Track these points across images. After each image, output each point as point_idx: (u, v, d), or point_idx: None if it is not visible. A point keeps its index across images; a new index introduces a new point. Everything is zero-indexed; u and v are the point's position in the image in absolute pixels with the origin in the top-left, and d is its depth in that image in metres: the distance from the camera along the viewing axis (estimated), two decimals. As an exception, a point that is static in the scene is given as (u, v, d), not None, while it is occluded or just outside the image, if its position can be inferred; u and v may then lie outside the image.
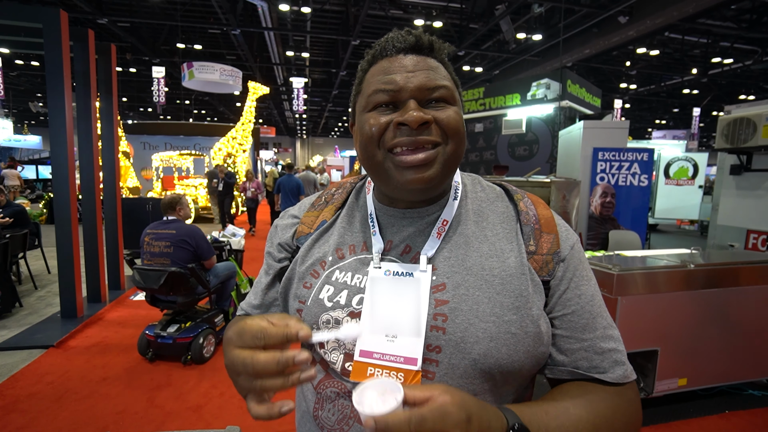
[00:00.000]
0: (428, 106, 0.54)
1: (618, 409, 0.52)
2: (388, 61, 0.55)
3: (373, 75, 0.56)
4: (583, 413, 0.49)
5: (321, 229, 0.65)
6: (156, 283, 2.71)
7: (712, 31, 9.59)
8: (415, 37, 0.55)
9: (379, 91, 0.54)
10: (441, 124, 0.53)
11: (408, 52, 0.55)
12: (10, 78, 14.30)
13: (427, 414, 0.37)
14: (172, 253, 2.80)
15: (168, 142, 12.25)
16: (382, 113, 0.54)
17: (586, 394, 0.52)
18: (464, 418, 0.38)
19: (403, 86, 0.53)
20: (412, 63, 0.54)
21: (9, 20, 3.33)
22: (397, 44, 0.55)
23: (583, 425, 0.48)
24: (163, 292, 2.78)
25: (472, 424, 0.38)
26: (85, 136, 3.91)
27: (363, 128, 0.55)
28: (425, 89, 0.53)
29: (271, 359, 0.42)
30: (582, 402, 0.51)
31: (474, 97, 7.28)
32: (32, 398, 2.39)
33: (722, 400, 2.40)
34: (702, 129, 18.48)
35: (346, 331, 0.48)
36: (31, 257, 4.83)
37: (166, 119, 19.65)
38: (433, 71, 0.54)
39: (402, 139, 0.52)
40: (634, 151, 4.40)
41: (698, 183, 8.14)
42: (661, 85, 14.19)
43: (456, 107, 0.55)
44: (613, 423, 0.51)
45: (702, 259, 2.34)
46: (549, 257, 0.57)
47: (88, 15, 8.52)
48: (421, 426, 0.36)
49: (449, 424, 0.37)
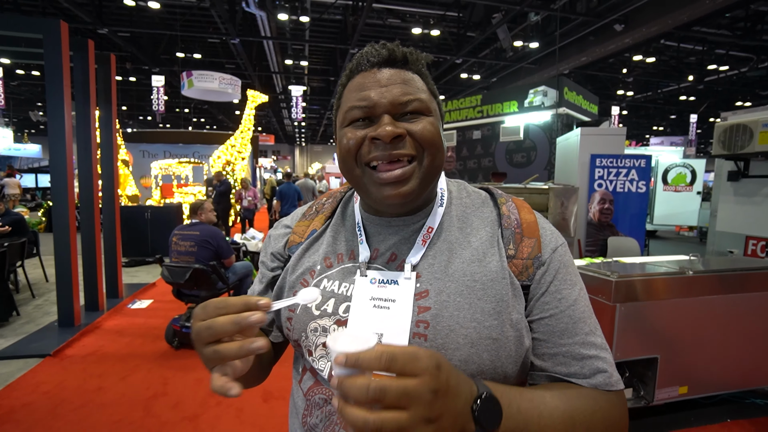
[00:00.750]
0: (402, 119, 0.54)
1: (599, 409, 0.51)
2: (362, 77, 0.56)
3: (349, 91, 0.57)
4: (560, 404, 0.48)
5: (311, 238, 0.66)
6: (182, 278, 3.04)
7: (707, 39, 9.69)
8: (388, 51, 0.56)
9: (354, 107, 0.55)
10: (415, 137, 0.54)
11: (382, 65, 0.56)
12: (10, 87, 14.38)
13: (398, 353, 0.37)
14: (196, 252, 3.11)
15: (167, 151, 12.27)
16: (357, 128, 0.55)
17: (566, 389, 0.52)
18: (434, 365, 0.37)
19: (377, 102, 0.54)
20: (387, 77, 0.55)
21: (10, 31, 3.37)
22: (371, 59, 0.56)
23: (558, 414, 0.47)
24: (188, 286, 3.13)
25: (442, 372, 0.38)
26: (84, 144, 3.92)
27: (341, 143, 0.57)
28: (398, 104, 0.54)
29: (227, 319, 0.43)
30: (560, 394, 0.50)
31: (471, 104, 7.32)
32: (27, 408, 2.37)
33: (724, 408, 2.37)
34: (699, 135, 18.59)
35: (303, 294, 0.50)
36: (29, 265, 4.81)
37: (166, 128, 19.75)
38: (407, 84, 0.55)
39: (377, 154, 0.53)
40: (631, 158, 4.42)
41: (696, 189, 8.17)
42: (658, 92, 14.31)
43: (431, 118, 0.56)
44: (592, 419, 0.49)
45: (701, 266, 2.34)
46: (529, 261, 0.56)
47: (89, 25, 8.60)
48: (391, 363, 0.36)
49: (419, 367, 0.37)
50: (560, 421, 0.47)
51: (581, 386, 0.52)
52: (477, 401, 0.41)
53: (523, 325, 0.54)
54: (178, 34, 9.51)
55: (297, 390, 0.62)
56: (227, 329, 0.43)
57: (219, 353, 0.43)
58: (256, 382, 0.66)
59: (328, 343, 0.39)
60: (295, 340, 0.60)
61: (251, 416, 2.32)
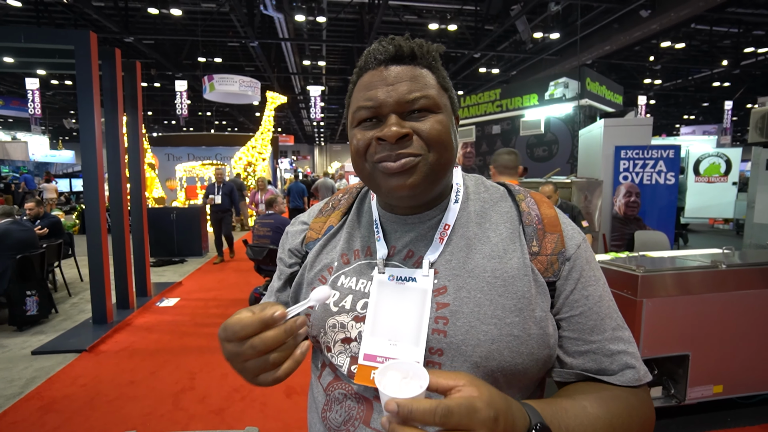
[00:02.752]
0: (410, 117, 0.54)
1: (633, 409, 0.51)
2: (370, 75, 0.55)
3: (358, 90, 0.57)
4: (600, 412, 0.49)
5: (328, 234, 0.66)
6: (260, 256, 3.89)
7: (743, 20, 9.16)
8: (394, 47, 0.55)
9: (361, 107, 0.55)
10: (422, 136, 0.53)
11: (389, 63, 0.55)
12: (46, 97, 15.17)
13: (454, 407, 0.35)
14: (271, 236, 3.93)
15: (191, 153, 12.63)
16: (365, 128, 0.55)
17: (600, 391, 0.52)
18: (492, 417, 0.36)
19: (383, 101, 0.53)
20: (394, 75, 0.54)
21: (45, 44, 3.56)
22: (378, 56, 0.55)
23: (600, 424, 0.47)
24: (265, 263, 3.94)
25: (499, 424, 0.36)
26: (113, 149, 4.09)
27: (351, 143, 0.57)
28: (404, 102, 0.53)
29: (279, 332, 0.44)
30: (597, 400, 0.50)
31: (490, 99, 7.19)
32: (67, 399, 2.51)
33: (765, 409, 2.25)
34: (735, 123, 17.61)
35: (315, 294, 0.50)
36: (65, 266, 5.07)
37: (189, 131, 20.34)
38: (415, 81, 0.54)
39: (383, 154, 0.53)
40: (659, 149, 4.24)
41: (732, 180, 7.75)
42: (689, 79, 13.64)
43: (440, 115, 0.54)
44: (629, 422, 0.50)
45: (736, 259, 2.22)
46: (554, 257, 0.56)
47: (116, 35, 8.96)
48: (447, 419, 0.35)
49: (476, 421, 0.35)
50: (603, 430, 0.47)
51: (613, 386, 0.52)
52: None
53: (548, 323, 0.53)
54: (199, 40, 9.77)
55: (316, 385, 0.62)
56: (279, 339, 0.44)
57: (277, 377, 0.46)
58: None
59: (375, 379, 0.38)
60: (314, 336, 0.61)
61: (274, 411, 2.37)
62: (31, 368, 2.94)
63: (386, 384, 0.38)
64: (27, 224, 4.12)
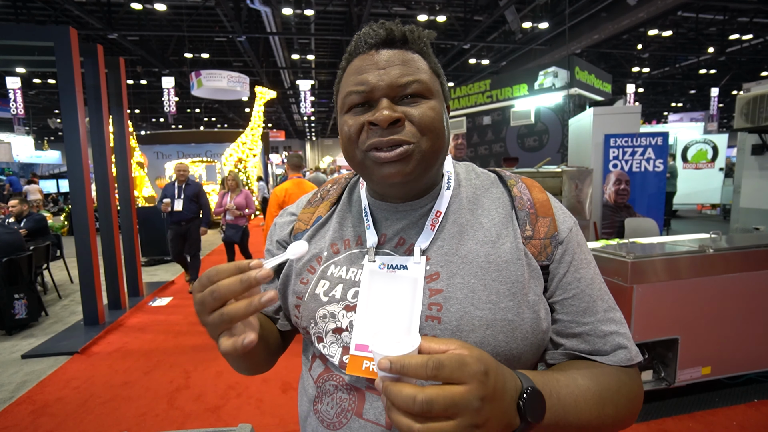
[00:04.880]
0: (402, 102, 0.53)
1: (623, 385, 0.53)
2: (360, 59, 0.54)
3: (348, 74, 0.55)
4: (591, 384, 0.50)
5: (317, 224, 0.66)
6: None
7: (728, 7, 9.23)
8: (386, 31, 0.54)
9: (352, 92, 0.53)
10: (414, 122, 0.52)
11: (380, 47, 0.54)
12: (29, 96, 14.83)
13: (445, 360, 0.36)
14: None
15: (180, 151, 12.47)
16: (357, 114, 0.54)
17: (592, 367, 0.53)
18: (482, 370, 0.37)
19: (375, 85, 0.52)
20: (385, 58, 0.53)
21: (24, 40, 3.45)
22: (369, 40, 0.54)
23: (590, 395, 0.49)
24: None
25: (489, 377, 0.37)
26: (98, 149, 4.02)
27: (342, 130, 0.56)
28: (397, 86, 0.52)
29: (232, 279, 0.42)
30: (588, 374, 0.51)
31: (480, 89, 7.18)
32: (59, 402, 2.48)
33: (750, 388, 2.31)
34: (722, 110, 17.83)
35: (292, 248, 0.47)
36: (54, 268, 5.00)
37: (178, 128, 20.07)
38: (406, 65, 0.53)
39: (375, 140, 0.52)
40: (647, 136, 4.28)
41: (719, 165, 7.87)
42: (676, 67, 13.74)
43: (432, 101, 0.54)
44: (618, 396, 0.51)
45: (722, 244, 2.26)
46: (547, 241, 0.56)
47: (99, 31, 8.76)
48: (439, 371, 0.35)
49: (467, 374, 0.36)
50: (593, 402, 0.48)
51: (605, 365, 0.53)
52: (523, 396, 0.41)
53: (541, 306, 0.53)
54: (185, 35, 9.61)
55: (307, 377, 0.62)
56: (233, 288, 0.42)
57: (226, 315, 0.42)
58: (264, 367, 0.66)
59: (370, 344, 0.39)
60: (304, 327, 0.60)
61: (271, 406, 2.37)
62: (21, 372, 2.90)
63: (379, 344, 0.38)
64: (12, 227, 4.04)
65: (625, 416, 0.52)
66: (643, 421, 2.08)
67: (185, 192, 4.51)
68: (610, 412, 0.49)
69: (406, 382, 0.37)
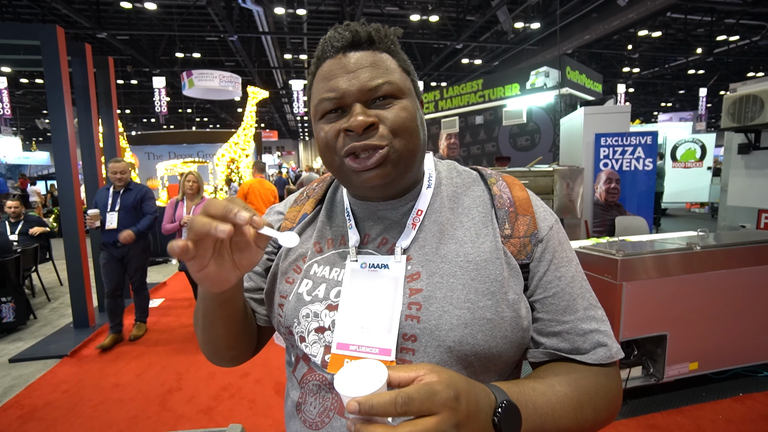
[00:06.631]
0: (374, 105, 0.53)
1: (601, 387, 0.53)
2: (329, 64, 0.54)
3: (318, 81, 0.55)
4: (568, 390, 0.49)
5: (302, 222, 0.66)
6: None
7: (716, 9, 9.36)
8: (351, 33, 0.53)
9: (324, 100, 0.53)
10: (387, 124, 0.52)
11: (348, 49, 0.54)
12: (16, 97, 14.58)
13: (413, 393, 0.35)
14: None
15: (172, 151, 12.32)
16: (331, 120, 0.54)
17: (571, 372, 0.52)
18: (453, 396, 0.36)
19: (346, 91, 0.52)
20: (354, 61, 0.53)
21: (8, 39, 3.40)
22: (335, 43, 0.54)
23: (568, 402, 0.49)
24: None
25: (461, 402, 0.37)
26: (87, 149, 3.96)
27: (318, 137, 0.56)
28: (367, 90, 0.52)
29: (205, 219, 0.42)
30: (566, 379, 0.51)
31: (473, 89, 7.21)
32: (49, 407, 2.44)
33: (736, 383, 2.36)
34: (710, 110, 18.08)
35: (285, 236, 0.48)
36: (43, 270, 4.92)
37: (169, 129, 19.86)
38: (375, 67, 0.53)
39: (351, 145, 0.52)
40: (637, 135, 4.34)
41: (707, 164, 8.00)
42: (666, 67, 13.92)
43: (404, 101, 0.54)
44: (596, 400, 0.51)
45: (710, 241, 2.30)
46: (526, 239, 0.56)
47: (88, 30, 8.65)
48: (409, 406, 0.34)
49: (437, 403, 0.35)
50: (571, 408, 0.48)
51: (584, 365, 0.53)
52: (497, 412, 0.41)
53: (521, 305, 0.53)
54: (176, 34, 9.51)
55: (291, 379, 0.62)
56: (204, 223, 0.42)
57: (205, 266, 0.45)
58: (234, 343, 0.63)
59: (335, 384, 0.37)
60: (288, 326, 0.60)
61: (263, 407, 2.36)
62: (9, 377, 2.86)
63: (344, 385, 0.37)
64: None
65: (604, 417, 0.52)
66: (633, 417, 2.11)
67: (122, 201, 3.19)
68: (588, 415, 0.50)
69: (377, 423, 0.36)
